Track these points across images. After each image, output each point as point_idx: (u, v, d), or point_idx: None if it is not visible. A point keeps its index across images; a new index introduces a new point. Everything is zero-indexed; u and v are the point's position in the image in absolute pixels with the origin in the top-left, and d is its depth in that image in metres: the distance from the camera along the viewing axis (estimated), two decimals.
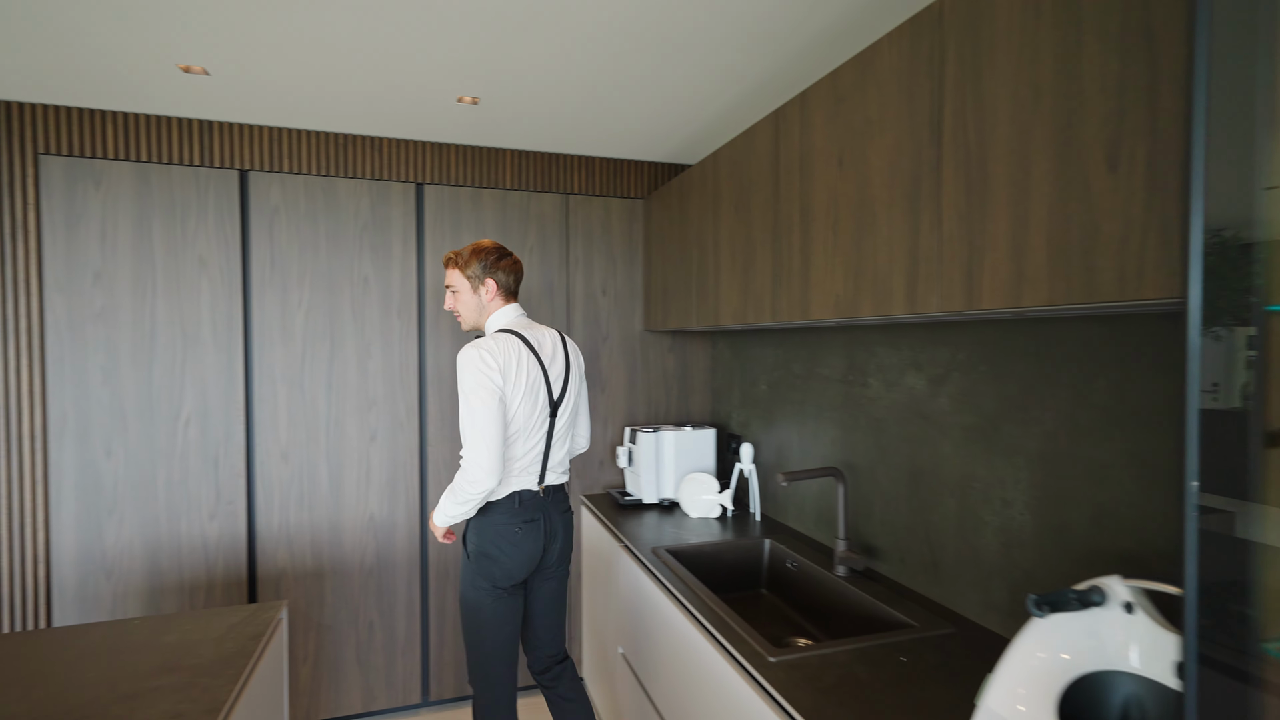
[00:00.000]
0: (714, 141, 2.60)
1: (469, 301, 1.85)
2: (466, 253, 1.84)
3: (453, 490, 1.73)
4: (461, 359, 1.71)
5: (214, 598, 2.34)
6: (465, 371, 1.70)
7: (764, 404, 2.47)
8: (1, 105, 2.13)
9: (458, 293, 1.86)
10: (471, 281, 1.85)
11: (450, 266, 1.86)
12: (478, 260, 1.83)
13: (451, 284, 1.87)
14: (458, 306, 1.87)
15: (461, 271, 1.84)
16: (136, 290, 2.25)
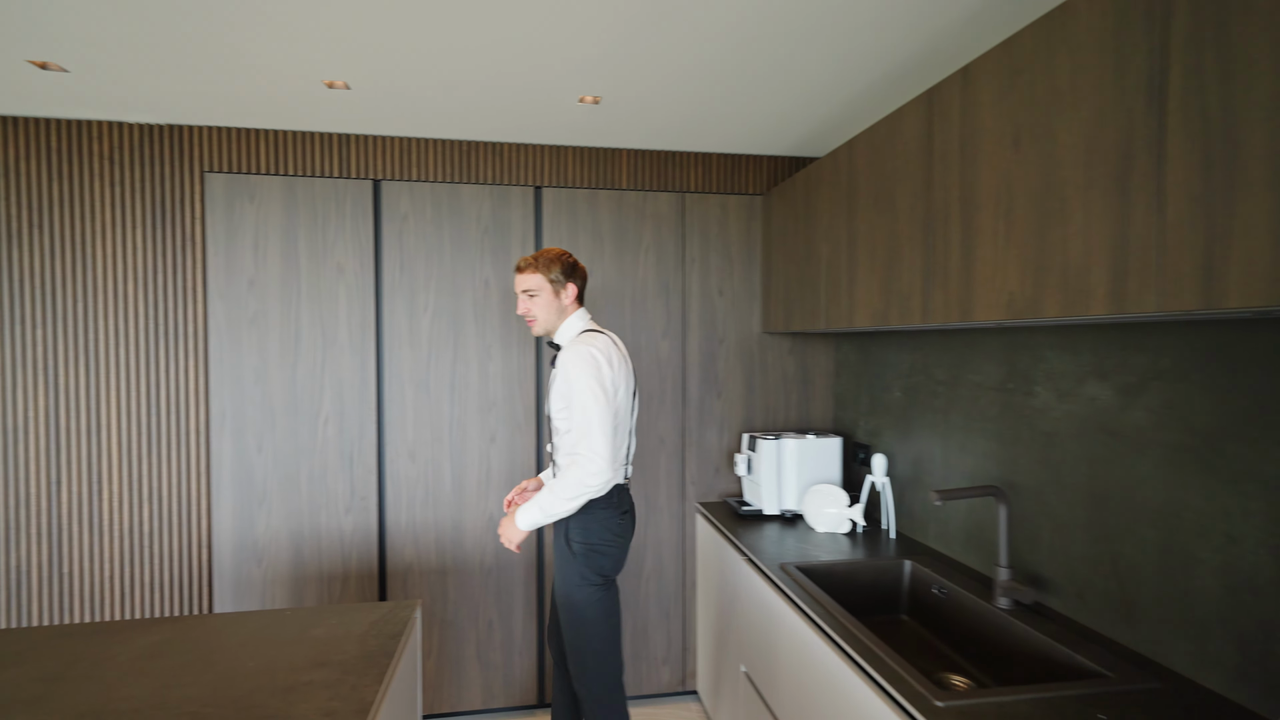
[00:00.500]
0: (843, 132, 2.44)
1: (549, 304, 1.85)
2: (547, 257, 1.85)
3: (562, 487, 1.72)
4: (576, 358, 1.74)
5: (349, 589, 2.46)
6: (582, 370, 1.72)
7: (898, 412, 2.28)
8: (175, 129, 2.33)
9: (536, 295, 1.85)
10: (554, 285, 1.85)
11: (530, 270, 1.84)
12: (559, 264, 1.85)
13: (530, 287, 1.85)
14: (533, 309, 1.86)
15: (544, 274, 1.84)
16: (284, 296, 2.40)
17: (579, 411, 1.71)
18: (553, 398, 1.83)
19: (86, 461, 2.31)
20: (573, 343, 1.80)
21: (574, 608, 1.81)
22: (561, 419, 1.82)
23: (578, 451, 1.71)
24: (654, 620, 2.69)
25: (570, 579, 1.82)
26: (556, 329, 1.90)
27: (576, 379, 1.72)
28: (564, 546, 1.83)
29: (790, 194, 2.43)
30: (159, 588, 2.36)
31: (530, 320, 1.88)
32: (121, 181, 2.31)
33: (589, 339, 1.80)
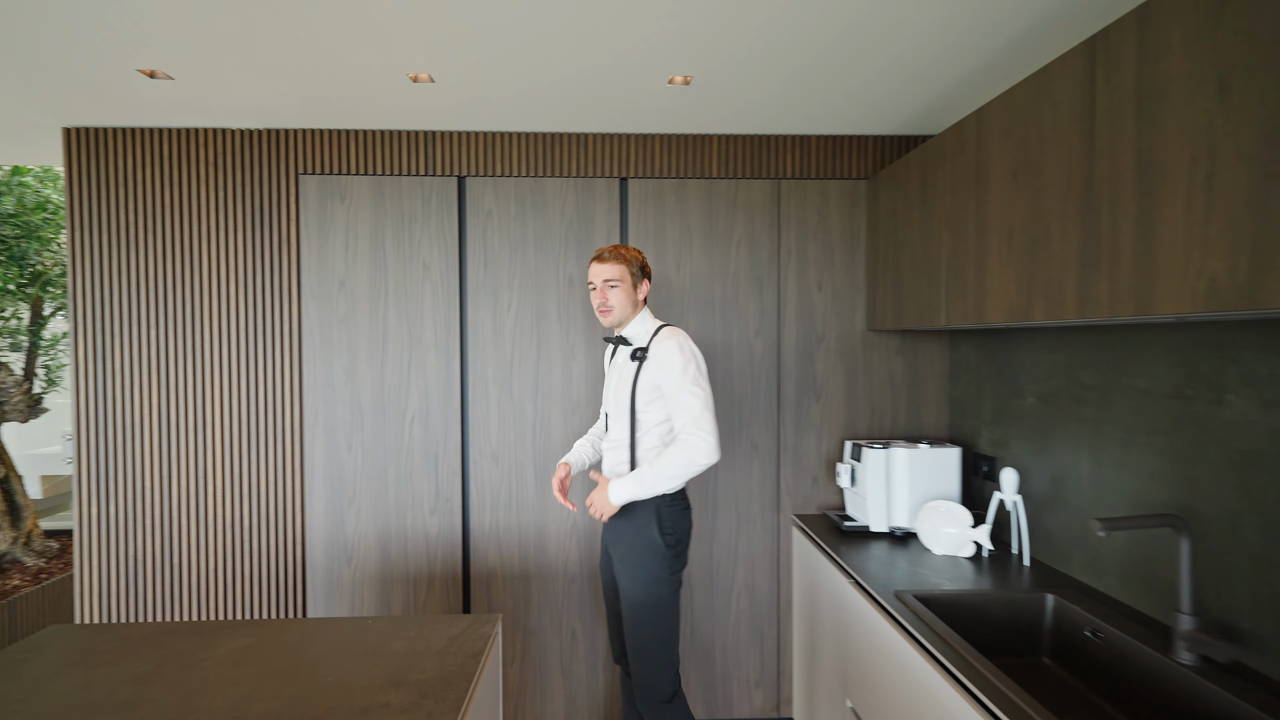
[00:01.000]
0: (960, 107, 2.16)
1: (628, 297, 1.85)
2: (629, 250, 1.87)
3: (669, 464, 1.70)
4: (675, 348, 1.77)
5: (434, 591, 2.43)
6: (686, 358, 1.76)
7: (1032, 420, 1.99)
8: (272, 133, 2.38)
9: (617, 286, 1.83)
10: (634, 277, 1.86)
11: (614, 261, 1.83)
12: (639, 259, 1.87)
13: (613, 277, 1.83)
14: (611, 299, 1.83)
15: (627, 266, 1.84)
16: (372, 295, 2.40)
17: (685, 396, 1.72)
18: (639, 388, 1.81)
19: (194, 458, 2.39)
20: (664, 334, 1.82)
21: (657, 604, 1.79)
22: (651, 410, 1.82)
23: (693, 428, 1.71)
24: (745, 639, 2.51)
25: (657, 574, 1.80)
26: (628, 323, 1.88)
27: (681, 366, 1.74)
28: (654, 539, 1.79)
29: (901, 176, 2.18)
30: (259, 583, 2.42)
31: (605, 311, 1.85)
32: (224, 186, 2.38)
33: (676, 331, 1.82)
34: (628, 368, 1.85)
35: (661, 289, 2.45)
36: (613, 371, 1.95)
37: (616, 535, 1.85)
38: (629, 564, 1.81)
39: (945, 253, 1.89)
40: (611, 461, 1.92)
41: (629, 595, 1.80)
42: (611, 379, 1.94)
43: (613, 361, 1.98)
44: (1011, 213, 1.56)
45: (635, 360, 1.83)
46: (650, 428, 1.83)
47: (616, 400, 1.87)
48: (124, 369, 2.37)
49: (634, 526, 1.81)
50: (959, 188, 1.81)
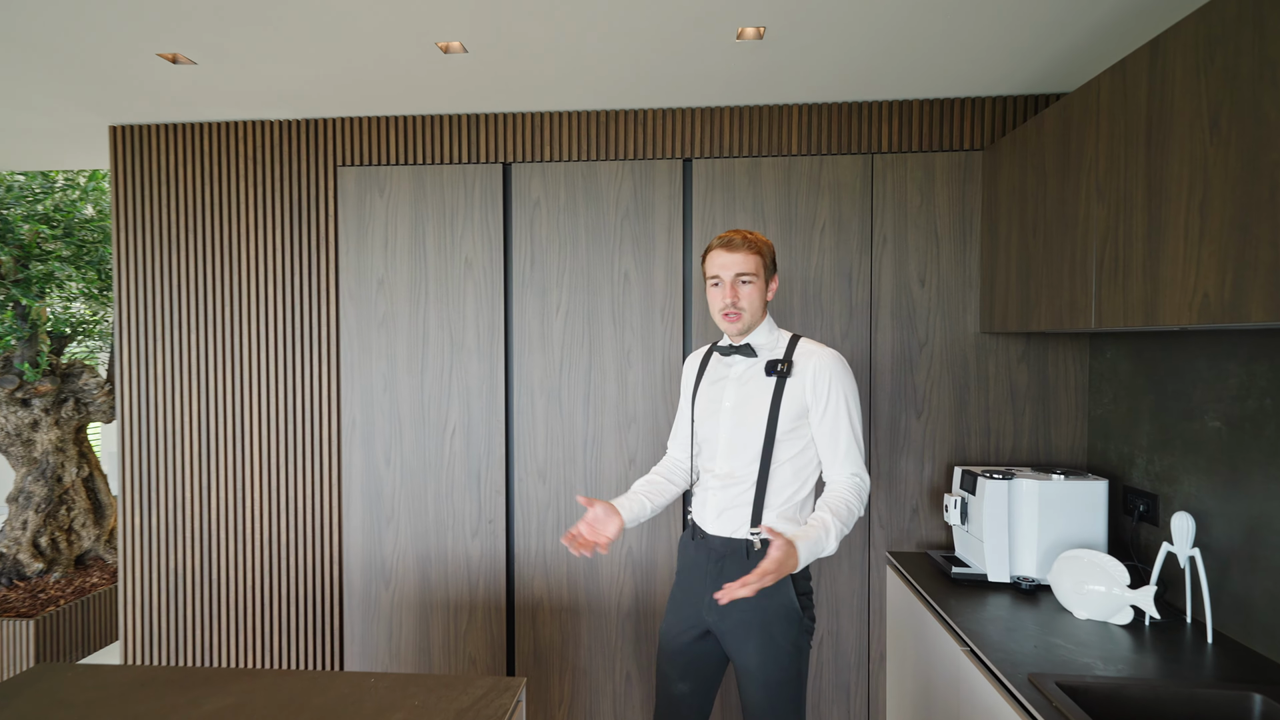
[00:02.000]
0: (1100, 59, 1.71)
1: (762, 297, 1.49)
2: (761, 239, 1.50)
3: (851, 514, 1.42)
4: (837, 366, 1.46)
5: (475, 621, 2.20)
6: (849, 376, 1.47)
7: (1214, 450, 1.52)
8: (309, 124, 2.23)
9: (753, 282, 1.46)
10: (767, 273, 1.50)
11: (749, 251, 1.46)
12: (772, 250, 1.53)
13: (748, 271, 1.46)
14: (744, 299, 1.46)
15: (763, 258, 1.48)
16: (412, 296, 2.21)
17: (847, 422, 1.45)
18: (784, 411, 1.45)
19: (232, 468, 2.28)
20: (814, 346, 1.49)
21: (798, 680, 1.45)
22: (791, 439, 1.47)
23: (854, 475, 1.45)
24: (829, 695, 2.13)
25: (798, 642, 1.45)
26: (753, 329, 1.51)
27: (842, 389, 1.45)
28: (790, 603, 1.43)
29: (1032, 141, 1.75)
30: (295, 601, 2.28)
31: (733, 315, 1.47)
32: (262, 181, 2.25)
33: (818, 343, 1.51)
34: (760, 384, 1.47)
35: None
36: (722, 389, 1.53)
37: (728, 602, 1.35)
38: (758, 637, 1.42)
39: (1098, 233, 1.46)
40: (719, 505, 1.49)
41: (764, 673, 1.42)
42: (721, 399, 1.52)
43: (715, 375, 1.56)
44: (1209, 173, 1.14)
45: (773, 375, 1.46)
46: (784, 461, 1.46)
47: (738, 424, 1.47)
48: (166, 375, 2.29)
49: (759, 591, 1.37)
50: (1122, 148, 1.38)
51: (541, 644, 2.19)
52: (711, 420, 1.53)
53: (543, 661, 2.19)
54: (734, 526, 1.47)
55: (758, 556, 1.42)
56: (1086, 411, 2.04)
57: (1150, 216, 1.29)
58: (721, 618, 1.45)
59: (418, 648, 2.22)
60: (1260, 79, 1.03)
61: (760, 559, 1.37)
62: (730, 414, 1.49)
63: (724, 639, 1.47)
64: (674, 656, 1.54)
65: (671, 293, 2.14)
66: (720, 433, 1.50)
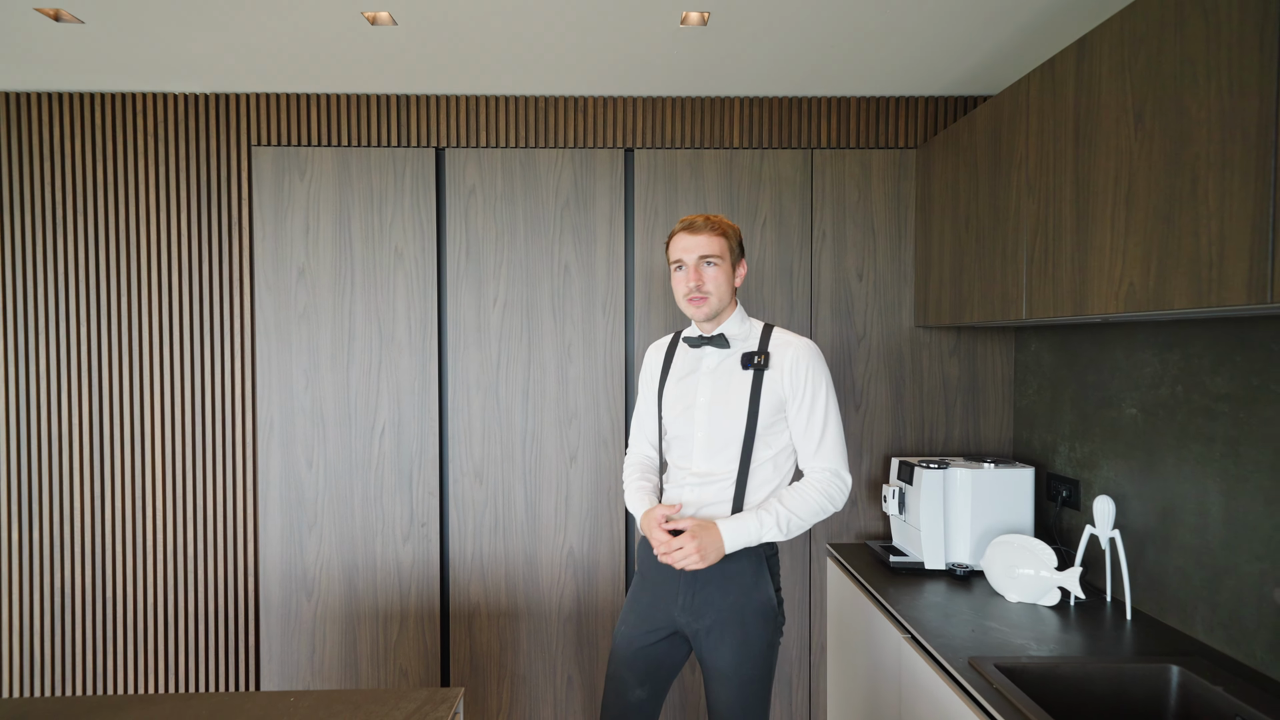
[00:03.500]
0: (1026, 59, 1.78)
1: (729, 280, 1.43)
2: (723, 221, 1.44)
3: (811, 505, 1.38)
4: (812, 357, 1.42)
5: (407, 630, 2.08)
6: (825, 372, 1.43)
7: (1132, 437, 1.60)
8: (221, 98, 2.05)
9: (718, 264, 1.41)
10: (733, 256, 1.44)
11: (713, 232, 1.41)
12: (739, 233, 1.48)
13: (712, 253, 1.40)
14: (709, 282, 1.40)
15: (727, 240, 1.43)
16: (336, 287, 2.07)
17: (824, 416, 1.41)
18: (764, 405, 1.40)
19: (130, 474, 2.07)
20: (791, 337, 1.45)
21: (768, 678, 1.42)
22: (772, 434, 1.42)
23: (834, 473, 1.41)
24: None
25: (772, 640, 1.42)
26: (723, 317, 1.46)
27: (824, 383, 1.42)
28: (767, 599, 1.40)
29: (964, 139, 1.80)
30: (204, 619, 2.09)
31: (698, 299, 1.41)
32: (167, 160, 2.05)
33: (793, 333, 1.47)
34: (736, 377, 1.42)
35: None
36: (695, 382, 1.46)
37: (702, 602, 1.38)
38: (735, 636, 1.38)
39: (1029, 227, 1.51)
40: (696, 503, 1.43)
41: (739, 673, 1.38)
42: (695, 393, 1.45)
43: (685, 369, 1.50)
44: (1134, 167, 1.18)
45: (749, 368, 1.41)
46: (767, 458, 1.41)
47: (716, 420, 1.41)
48: (50, 373, 2.05)
49: (735, 588, 1.38)
50: (1051, 143, 1.43)
51: (478, 651, 2.10)
52: (685, 418, 1.46)
53: (480, 670, 2.10)
54: None
55: (737, 555, 1.38)
56: (1013, 402, 2.13)
57: (1079, 210, 1.33)
58: (696, 618, 1.40)
59: (344, 662, 2.08)
60: (1181, 76, 1.08)
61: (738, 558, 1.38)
62: (706, 410, 1.43)
63: (698, 639, 1.41)
64: (633, 661, 1.46)
65: (613, 285, 2.09)
66: (696, 431, 1.44)
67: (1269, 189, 0.93)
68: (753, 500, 1.41)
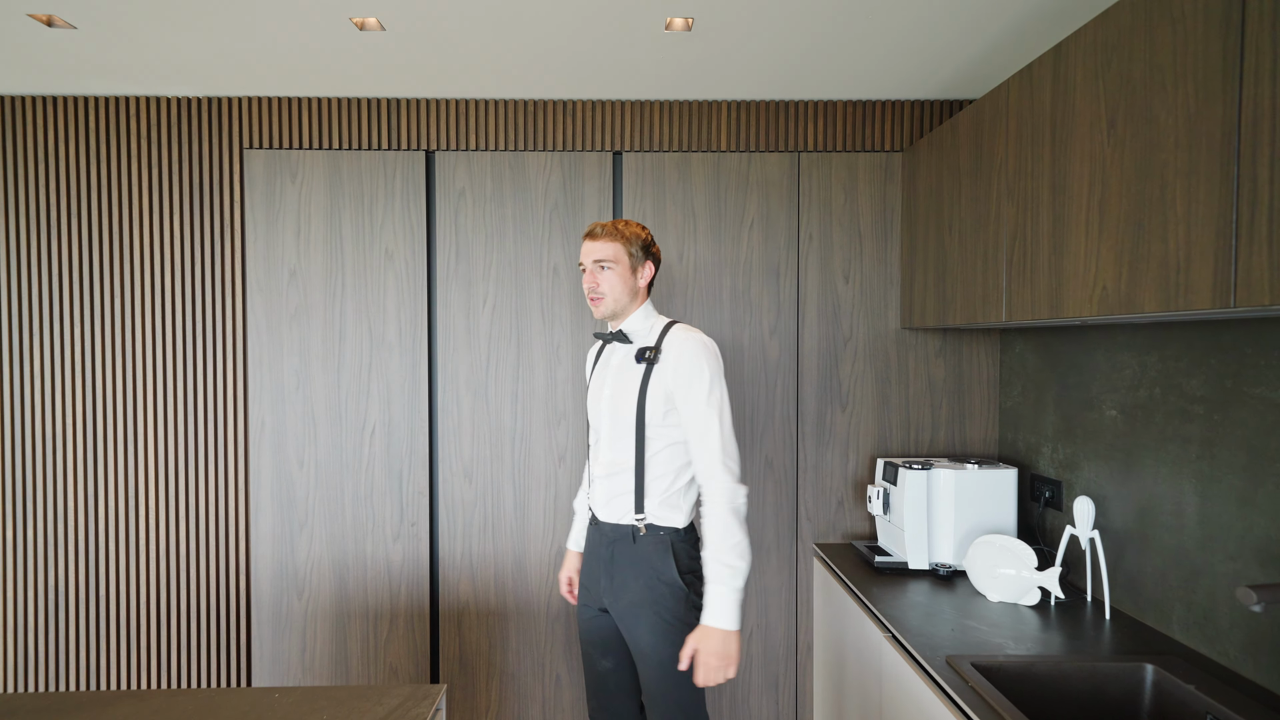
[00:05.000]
0: (1010, 63, 1.80)
1: (624, 282, 1.49)
2: (629, 227, 1.52)
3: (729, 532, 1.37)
4: (698, 349, 1.43)
5: (397, 629, 2.10)
6: (709, 364, 1.43)
7: (1112, 438, 1.62)
8: (213, 101, 2.07)
9: (612, 268, 1.48)
10: (632, 260, 1.50)
11: (608, 238, 1.49)
12: (641, 237, 1.52)
13: (605, 257, 1.48)
14: (603, 284, 1.48)
15: (624, 245, 1.49)
16: (327, 288, 2.09)
17: (711, 414, 1.40)
18: (650, 397, 1.45)
19: (124, 474, 2.09)
20: (681, 332, 1.48)
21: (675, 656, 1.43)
22: (665, 426, 1.46)
23: (721, 466, 1.39)
24: (758, 688, 2.15)
25: (684, 617, 1.44)
26: (625, 316, 1.53)
27: (706, 375, 1.42)
28: (674, 580, 1.44)
29: (947, 143, 1.82)
30: (197, 617, 2.11)
31: (596, 298, 1.50)
32: (159, 163, 2.07)
33: (693, 329, 1.49)
34: (631, 371, 1.48)
35: (662, 280, 2.11)
36: (604, 376, 1.55)
37: (619, 584, 1.46)
38: (646, 615, 1.43)
39: (1008, 232, 1.53)
40: (606, 493, 1.50)
41: (655, 653, 1.43)
42: (603, 387, 1.54)
43: (602, 364, 1.58)
44: (1107, 172, 1.20)
45: (642, 362, 1.47)
46: (662, 448, 1.46)
47: (614, 413, 1.48)
48: (42, 374, 2.07)
49: (645, 570, 1.44)
50: (1029, 148, 1.45)
51: (467, 650, 2.11)
52: (595, 409, 1.56)
53: (469, 668, 2.11)
54: (620, 513, 1.48)
55: (644, 541, 1.45)
56: (998, 404, 2.14)
57: (1055, 214, 1.35)
58: (615, 599, 1.48)
59: (334, 660, 2.10)
60: (1151, 83, 1.10)
61: (645, 543, 1.45)
62: (609, 403, 1.50)
63: (620, 620, 1.48)
64: (590, 634, 1.56)
65: None
66: (602, 422, 1.52)
67: (1232, 195, 0.95)
68: (651, 487, 1.45)
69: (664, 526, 1.45)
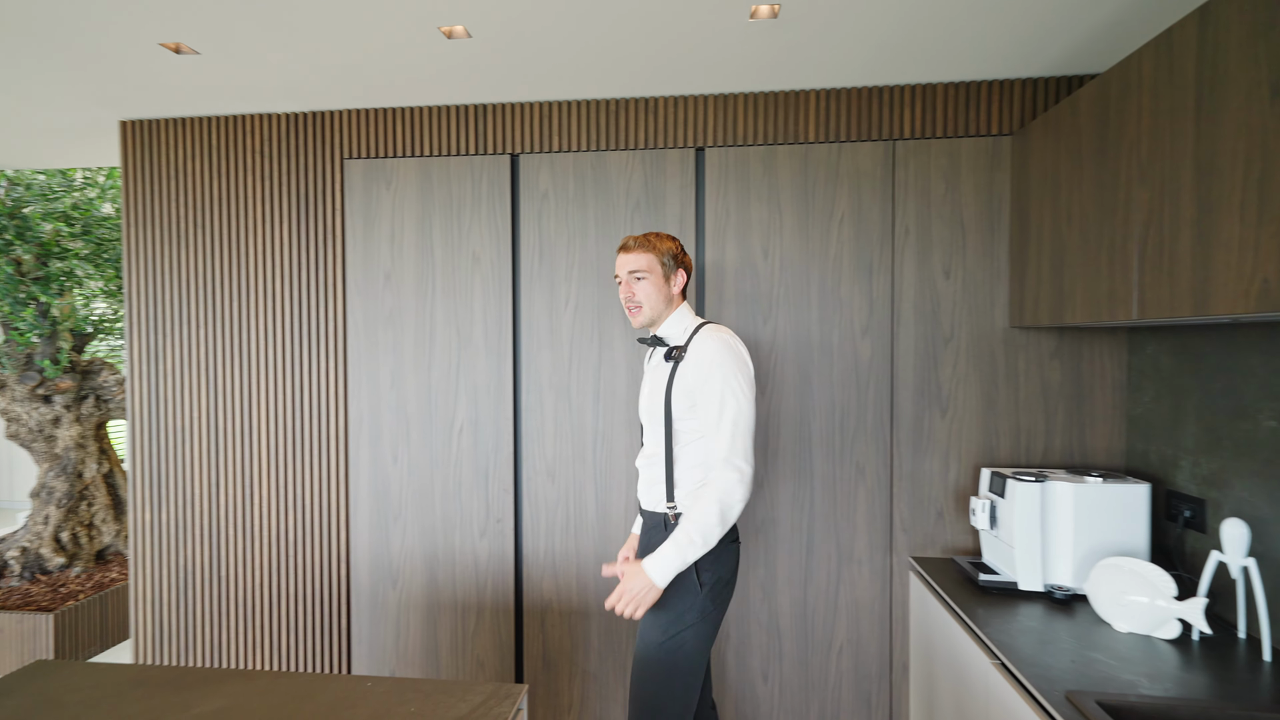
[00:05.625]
0: (1141, 29, 1.60)
1: (658, 291, 1.59)
2: (658, 236, 1.62)
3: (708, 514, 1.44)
4: (718, 347, 1.50)
5: (483, 622, 2.15)
6: (727, 361, 1.49)
7: (1270, 450, 1.41)
8: (317, 116, 2.20)
9: (645, 278, 1.58)
10: (665, 268, 1.60)
11: (639, 250, 1.59)
12: (670, 246, 1.62)
13: (639, 268, 1.58)
14: (639, 294, 1.58)
15: (655, 255, 1.59)
16: (419, 291, 2.17)
17: (724, 411, 1.47)
18: (675, 392, 1.54)
19: (238, 465, 2.26)
20: (706, 332, 1.55)
21: (675, 655, 1.49)
22: (690, 419, 1.54)
23: (725, 461, 1.46)
24: (848, 707, 2.04)
25: (683, 615, 1.51)
26: (662, 322, 1.62)
27: (720, 373, 1.48)
28: (689, 578, 1.51)
29: (1065, 123, 1.65)
30: (303, 601, 2.25)
31: (634, 308, 1.61)
32: (270, 175, 2.22)
33: (720, 329, 1.56)
34: (663, 370, 1.60)
35: (746, 278, 2.05)
36: (648, 375, 1.68)
37: None
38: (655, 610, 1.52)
39: (1140, 219, 1.36)
40: (646, 481, 1.63)
41: (643, 638, 1.53)
42: (646, 384, 1.67)
43: (648, 364, 1.72)
44: (1269, 146, 1.03)
45: (670, 360, 1.57)
46: (690, 440, 1.55)
47: (650, 407, 1.61)
48: (174, 371, 2.27)
49: None
50: (1167, 124, 1.28)
51: (550, 647, 2.14)
52: (641, 405, 1.67)
53: (552, 665, 2.13)
54: (655, 500, 1.59)
55: (673, 529, 1.51)
56: (1125, 410, 1.93)
57: (1200, 198, 1.18)
58: None
59: (425, 649, 2.18)
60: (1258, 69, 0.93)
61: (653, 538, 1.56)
62: (647, 399, 1.62)
63: None
64: None
65: None
66: (644, 416, 1.64)
67: None
68: (682, 478, 1.55)
69: None
